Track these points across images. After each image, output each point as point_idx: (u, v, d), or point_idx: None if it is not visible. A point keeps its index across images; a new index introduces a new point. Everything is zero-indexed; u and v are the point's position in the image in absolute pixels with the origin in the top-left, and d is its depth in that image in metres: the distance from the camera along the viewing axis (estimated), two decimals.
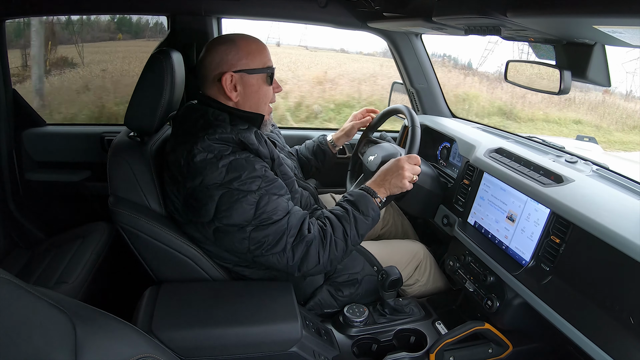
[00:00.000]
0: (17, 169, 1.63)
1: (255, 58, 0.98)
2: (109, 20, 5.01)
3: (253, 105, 1.01)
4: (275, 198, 0.91)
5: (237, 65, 0.97)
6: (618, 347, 0.71)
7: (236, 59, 0.96)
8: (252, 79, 0.98)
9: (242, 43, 0.98)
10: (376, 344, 1.05)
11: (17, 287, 0.44)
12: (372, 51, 8.43)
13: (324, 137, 1.44)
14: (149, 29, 4.97)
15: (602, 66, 0.86)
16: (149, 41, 5.08)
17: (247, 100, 1.00)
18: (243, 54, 0.97)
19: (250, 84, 0.99)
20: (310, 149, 1.43)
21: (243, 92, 0.99)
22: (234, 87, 0.98)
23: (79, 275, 1.27)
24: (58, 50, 4.28)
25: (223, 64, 0.96)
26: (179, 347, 0.82)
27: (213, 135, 0.90)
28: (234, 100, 0.99)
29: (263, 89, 1.01)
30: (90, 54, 4.65)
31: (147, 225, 0.95)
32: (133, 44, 5.07)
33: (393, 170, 1.06)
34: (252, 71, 0.98)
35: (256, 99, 1.01)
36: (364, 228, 0.98)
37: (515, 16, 0.73)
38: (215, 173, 0.87)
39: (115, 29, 5.10)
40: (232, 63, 0.96)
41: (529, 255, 0.92)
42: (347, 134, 1.42)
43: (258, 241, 0.89)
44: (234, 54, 0.96)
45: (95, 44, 4.87)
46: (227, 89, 0.97)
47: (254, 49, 0.99)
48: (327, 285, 1.12)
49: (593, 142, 2.95)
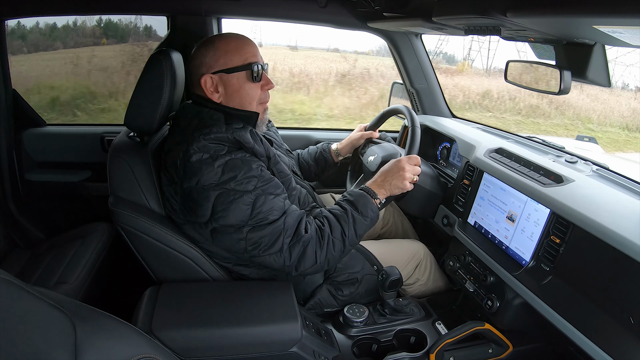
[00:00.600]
0: (17, 170, 1.63)
1: (234, 56, 0.97)
2: (94, 26, 4.95)
3: (237, 105, 1.00)
4: (272, 198, 0.91)
5: (215, 66, 0.96)
6: (618, 347, 0.71)
7: (214, 60, 0.96)
8: (232, 79, 0.97)
9: (221, 43, 0.98)
10: (376, 344, 1.05)
11: (17, 288, 0.44)
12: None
13: (328, 145, 1.43)
14: (136, 33, 4.91)
15: (602, 66, 0.86)
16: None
17: (230, 100, 0.99)
18: (220, 54, 0.96)
19: (231, 83, 0.98)
20: (313, 155, 1.42)
21: (225, 93, 0.98)
22: (215, 88, 0.97)
23: (79, 276, 1.27)
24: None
25: (202, 67, 0.97)
26: (179, 347, 0.82)
27: (208, 135, 0.90)
28: (217, 101, 0.99)
29: (246, 87, 0.99)
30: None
31: (147, 225, 0.95)
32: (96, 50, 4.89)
33: (394, 171, 1.05)
34: (231, 70, 0.97)
35: (239, 98, 0.99)
36: (362, 228, 0.98)
37: (515, 16, 0.73)
38: (212, 173, 0.87)
39: (100, 33, 5.03)
40: (210, 65, 0.97)
41: (529, 256, 0.92)
42: (353, 144, 1.40)
43: (255, 242, 0.89)
44: (211, 55, 0.96)
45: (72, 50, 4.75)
46: (208, 91, 0.97)
47: (232, 47, 0.97)
48: (327, 285, 1.12)
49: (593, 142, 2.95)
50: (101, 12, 2.60)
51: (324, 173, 1.43)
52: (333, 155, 1.41)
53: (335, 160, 1.41)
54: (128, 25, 5.01)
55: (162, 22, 1.62)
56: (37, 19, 4.46)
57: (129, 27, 5.02)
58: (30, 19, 5.16)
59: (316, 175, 1.43)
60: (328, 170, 1.42)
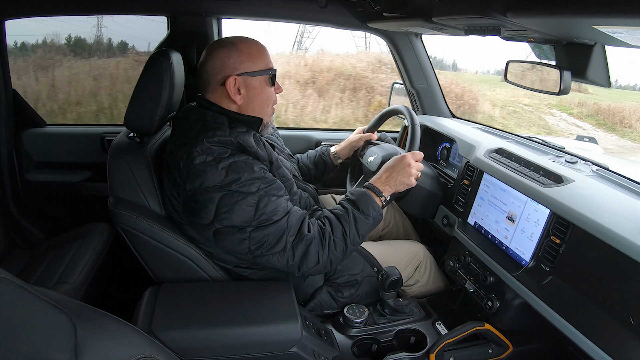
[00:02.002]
0: (17, 170, 1.63)
1: (257, 60, 0.98)
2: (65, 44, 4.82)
3: (257, 108, 1.01)
4: (275, 199, 0.91)
5: (240, 68, 0.97)
6: (618, 347, 0.71)
7: (239, 62, 0.96)
8: (255, 82, 0.99)
9: (243, 46, 0.98)
10: (376, 344, 1.05)
11: (18, 287, 0.44)
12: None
13: (327, 148, 1.43)
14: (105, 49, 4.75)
15: (602, 66, 0.86)
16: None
17: (251, 102, 1.00)
18: (245, 57, 0.97)
19: (254, 86, 0.99)
20: (312, 159, 1.42)
21: (247, 95, 0.99)
22: (237, 90, 0.97)
23: (79, 276, 1.27)
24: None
25: (226, 68, 0.96)
26: (179, 347, 0.82)
27: (212, 138, 0.90)
28: (238, 103, 0.99)
29: (266, 90, 1.01)
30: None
31: (146, 226, 0.95)
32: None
33: (399, 167, 1.05)
34: (255, 73, 0.98)
35: (259, 101, 1.01)
36: (364, 228, 0.98)
37: (515, 16, 0.73)
38: (215, 175, 0.87)
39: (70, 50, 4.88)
40: (235, 66, 0.96)
41: (529, 256, 0.92)
42: (352, 147, 1.40)
43: (258, 241, 0.89)
44: (236, 57, 0.96)
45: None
46: (232, 92, 0.97)
47: (254, 51, 0.99)
48: (327, 287, 1.12)
49: (593, 142, 2.95)
50: (101, 12, 2.61)
51: (324, 176, 1.43)
52: (332, 158, 1.40)
53: (334, 163, 1.41)
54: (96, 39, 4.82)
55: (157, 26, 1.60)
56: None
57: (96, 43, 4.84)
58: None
59: (316, 179, 1.42)
60: (328, 173, 1.42)
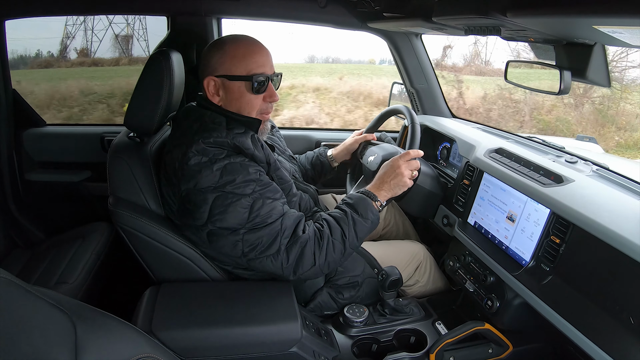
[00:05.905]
0: (17, 170, 1.63)
1: (239, 64, 0.95)
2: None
3: (236, 111, 0.99)
4: (270, 202, 0.90)
5: (219, 69, 0.96)
6: (618, 347, 0.71)
7: (219, 63, 0.95)
8: (233, 85, 0.96)
9: (230, 47, 0.96)
10: (376, 344, 1.05)
11: (18, 287, 0.44)
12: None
13: (324, 149, 1.42)
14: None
15: (602, 66, 0.86)
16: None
17: (230, 105, 0.98)
18: (227, 58, 0.95)
19: (232, 90, 0.97)
20: (310, 160, 1.41)
21: (225, 97, 0.98)
22: (216, 91, 0.97)
23: (79, 276, 1.27)
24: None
25: (207, 68, 0.97)
26: (179, 347, 0.81)
27: (208, 139, 0.90)
28: (218, 104, 0.98)
29: (245, 96, 0.97)
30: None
31: (146, 226, 0.95)
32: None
33: (389, 172, 1.05)
34: (233, 78, 0.95)
35: (238, 106, 0.98)
36: (362, 231, 0.98)
37: (515, 16, 0.73)
38: (210, 176, 0.87)
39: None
40: (215, 67, 0.96)
41: (529, 256, 0.92)
42: (348, 150, 1.39)
43: (251, 243, 0.89)
44: (218, 58, 0.96)
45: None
46: (209, 92, 0.97)
47: (240, 53, 0.95)
48: (328, 288, 1.11)
49: (593, 142, 2.94)
50: (101, 12, 2.62)
51: (322, 178, 1.42)
52: (329, 159, 1.40)
53: (332, 165, 1.41)
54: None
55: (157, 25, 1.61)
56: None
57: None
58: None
59: (313, 180, 1.42)
60: (325, 175, 1.41)
